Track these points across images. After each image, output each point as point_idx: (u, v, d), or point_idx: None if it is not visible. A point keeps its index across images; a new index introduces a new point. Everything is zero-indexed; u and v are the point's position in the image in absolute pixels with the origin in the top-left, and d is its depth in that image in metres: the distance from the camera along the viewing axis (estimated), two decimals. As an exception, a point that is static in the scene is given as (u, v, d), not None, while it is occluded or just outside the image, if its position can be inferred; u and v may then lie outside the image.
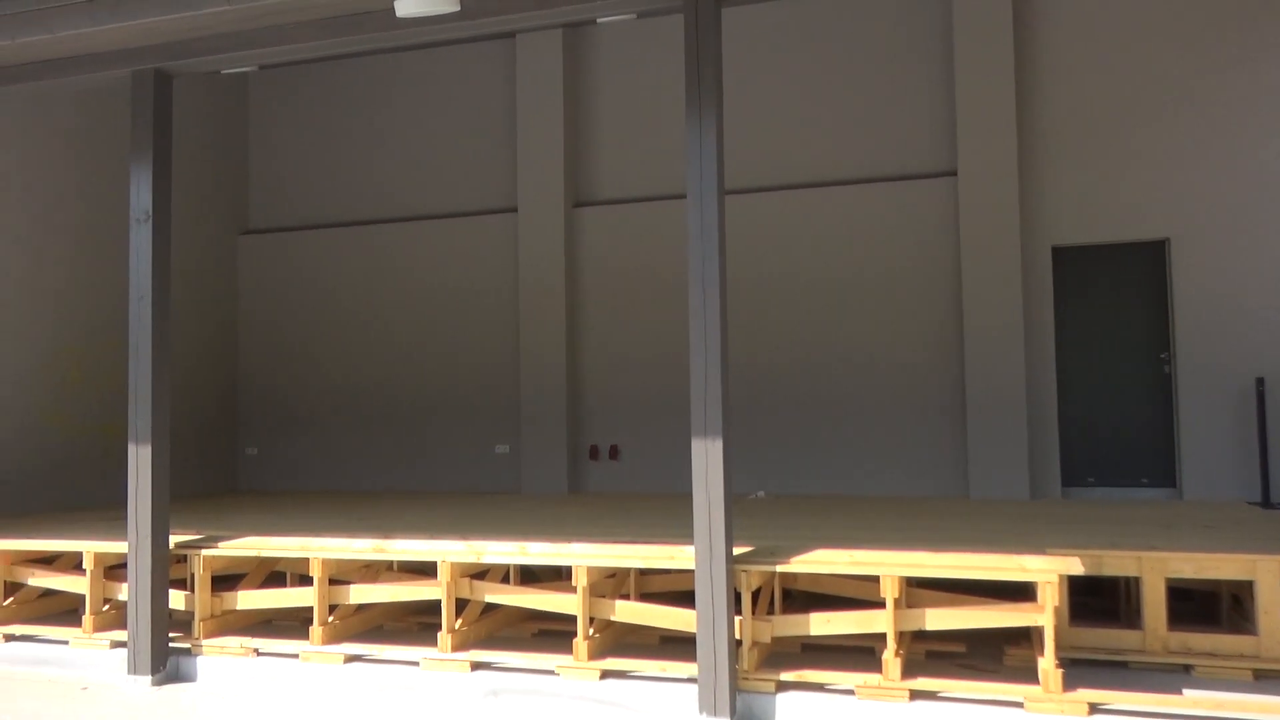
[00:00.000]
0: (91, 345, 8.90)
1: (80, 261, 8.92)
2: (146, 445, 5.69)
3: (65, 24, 5.21)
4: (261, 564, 6.23)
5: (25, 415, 8.35)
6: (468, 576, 5.56)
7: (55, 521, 7.38)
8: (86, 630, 6.08)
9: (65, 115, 8.82)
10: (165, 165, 5.88)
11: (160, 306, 5.79)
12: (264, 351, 11.02)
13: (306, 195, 11.12)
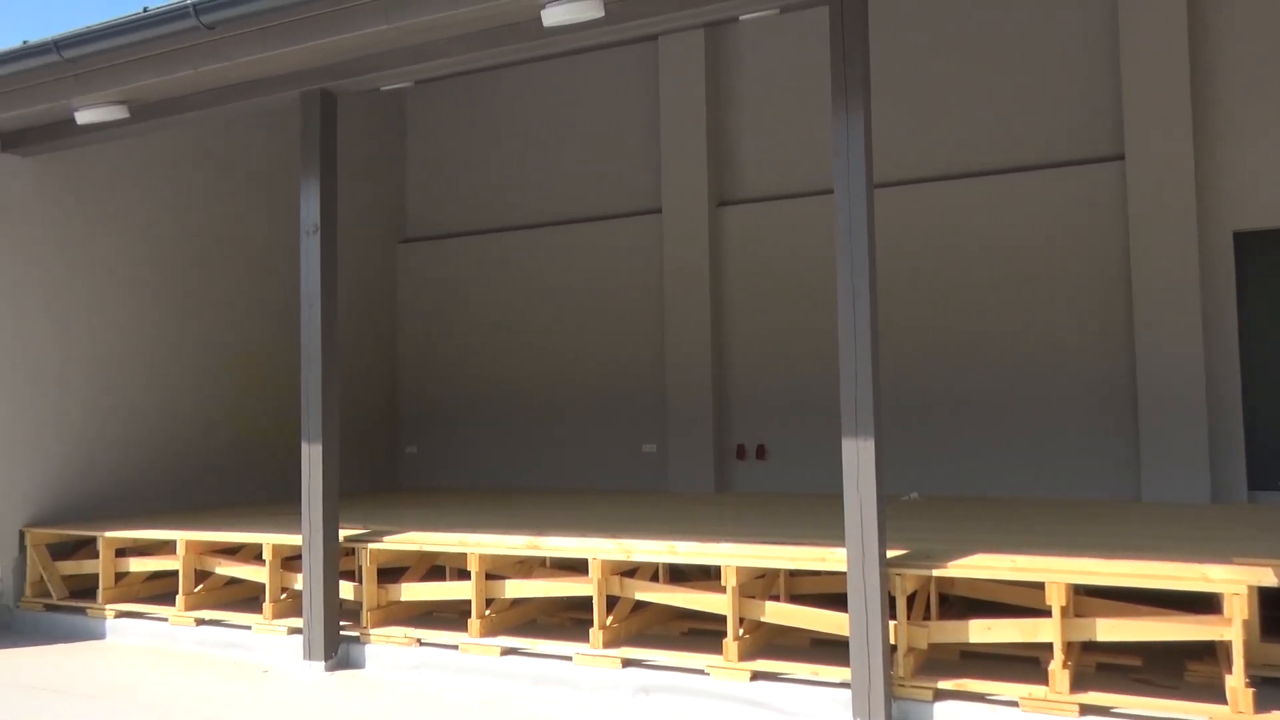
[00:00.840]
0: (266, 351, 9.50)
1: (251, 273, 9.53)
2: (318, 445, 6.03)
3: (241, 51, 5.59)
4: (423, 558, 6.49)
5: (209, 417, 8.99)
6: (618, 574, 5.64)
7: (237, 515, 7.93)
8: (266, 617, 6.50)
9: (231, 139, 9.44)
10: (331, 180, 6.22)
11: (329, 313, 6.12)
12: (422, 354, 11.49)
13: (460, 203, 11.53)
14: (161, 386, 8.59)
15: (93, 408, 7.99)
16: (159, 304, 8.61)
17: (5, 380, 7.37)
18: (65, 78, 5.99)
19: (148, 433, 8.43)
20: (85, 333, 7.97)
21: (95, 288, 8.07)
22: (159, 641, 6.80)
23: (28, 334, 7.55)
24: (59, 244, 7.81)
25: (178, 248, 8.80)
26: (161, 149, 8.63)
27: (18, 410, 7.44)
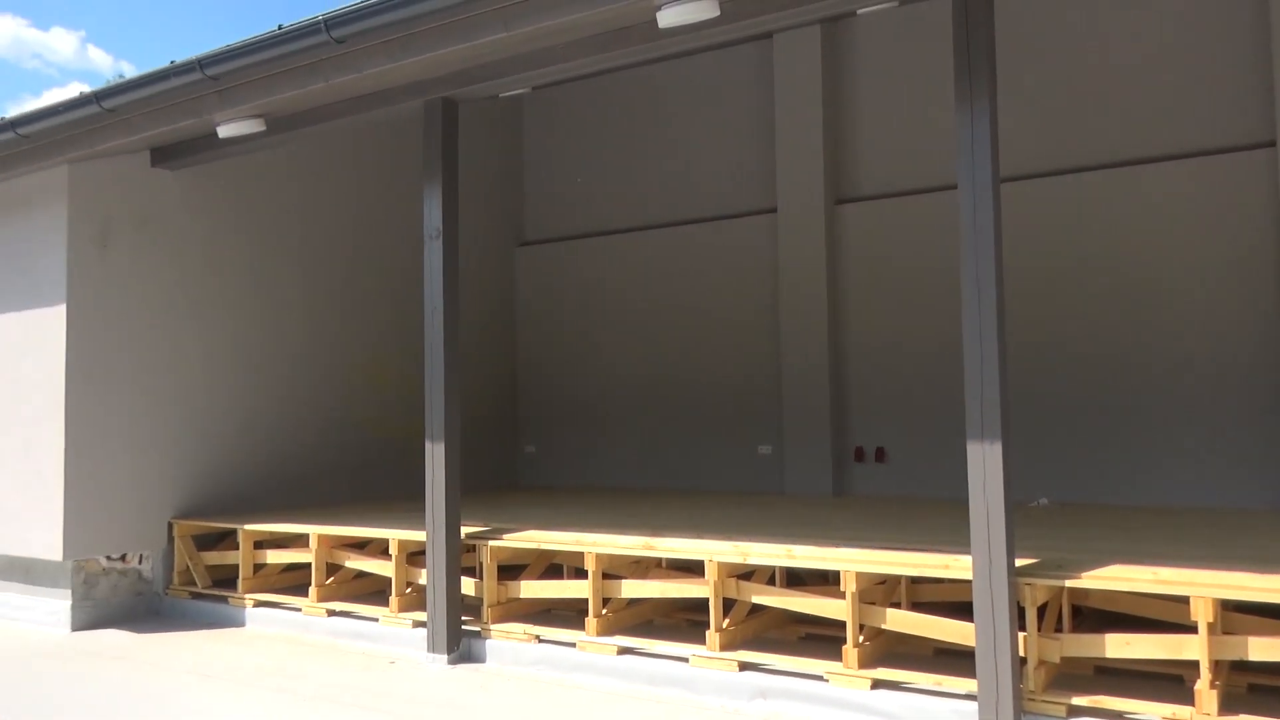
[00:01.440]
0: (394, 353, 9.83)
1: (377, 277, 9.87)
2: (440, 444, 6.20)
3: (369, 64, 5.79)
4: (541, 556, 6.60)
5: (341, 417, 9.36)
6: (734, 576, 5.60)
7: (365, 511, 8.22)
8: (392, 610, 6.72)
9: (356, 147, 9.80)
10: (453, 186, 6.38)
11: (451, 316, 6.28)
12: (541, 356, 11.69)
13: (576, 206, 11.68)
14: (298, 388, 8.99)
15: (235, 408, 8.43)
16: (296, 309, 9.02)
17: (157, 383, 7.84)
18: (209, 94, 6.33)
19: (285, 431, 8.84)
20: (228, 337, 8.41)
21: (236, 294, 8.51)
22: (293, 630, 7.11)
23: (177, 339, 8.01)
24: (203, 253, 8.26)
25: (310, 254, 9.20)
26: (292, 159, 9.04)
27: (168, 411, 7.90)
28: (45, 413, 7.35)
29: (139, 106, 6.52)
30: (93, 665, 6.44)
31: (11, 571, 7.81)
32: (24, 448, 7.49)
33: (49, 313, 7.39)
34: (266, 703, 5.46)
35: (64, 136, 6.97)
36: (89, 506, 7.35)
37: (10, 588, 7.81)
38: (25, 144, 7.04)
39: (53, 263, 7.40)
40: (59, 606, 7.40)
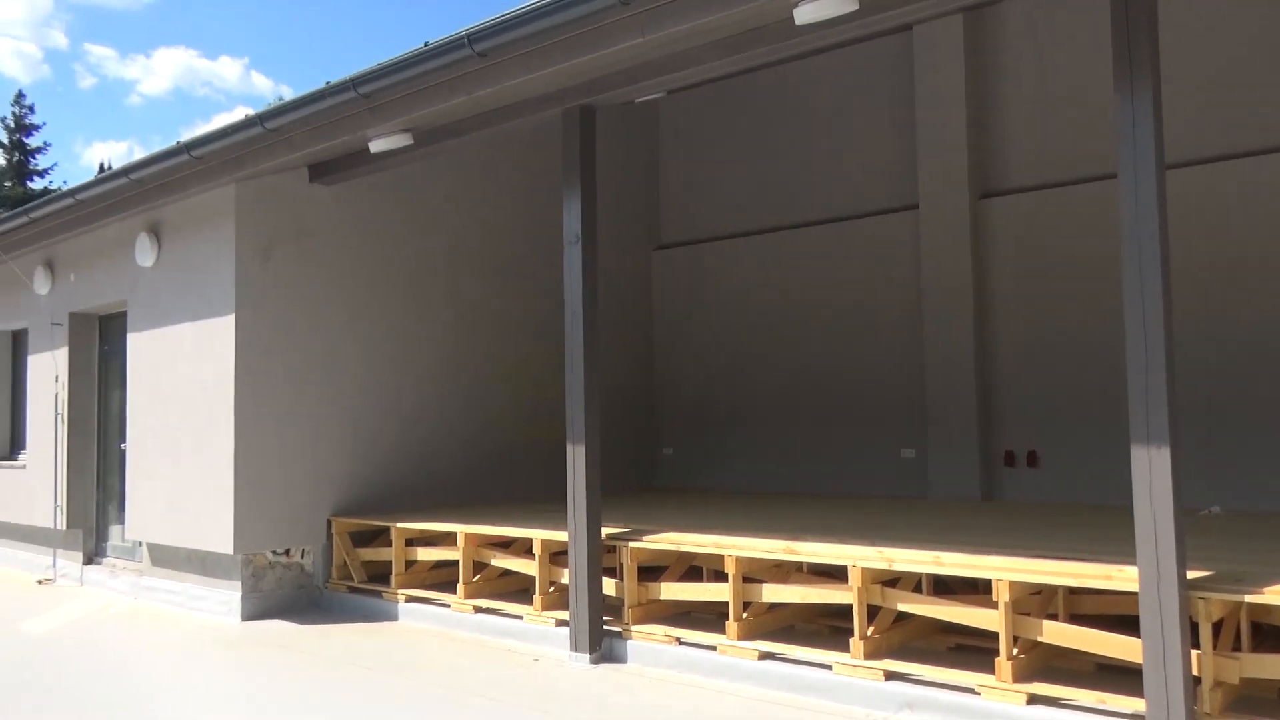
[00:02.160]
0: (536, 356, 10.05)
1: (518, 283, 10.10)
2: (581, 446, 6.29)
3: (509, 75, 5.93)
4: (681, 558, 6.60)
5: (486, 419, 9.64)
6: (879, 583, 5.45)
7: (509, 511, 8.43)
8: (536, 608, 6.86)
9: (494, 156, 10.06)
10: (591, 191, 6.47)
11: (590, 321, 6.37)
12: (678, 358, 11.72)
13: (712, 208, 11.65)
14: (447, 392, 9.32)
15: (389, 412, 8.80)
16: (443, 315, 9.35)
17: (316, 388, 8.27)
18: (361, 111, 6.63)
19: (435, 434, 9.17)
20: (381, 344, 8.79)
21: (388, 303, 8.88)
22: (442, 625, 7.35)
23: (334, 346, 8.43)
24: (357, 263, 8.66)
25: (456, 262, 9.51)
26: (438, 170, 9.36)
27: (327, 414, 8.32)
28: (218, 415, 7.86)
29: (298, 126, 6.89)
30: (261, 653, 6.84)
31: (190, 563, 8.38)
32: (200, 447, 8.03)
33: (220, 322, 7.90)
34: (421, 696, 5.67)
35: (231, 157, 7.44)
36: (256, 503, 7.82)
37: (188, 578, 8.38)
38: (198, 165, 7.55)
39: (223, 275, 7.90)
40: (231, 597, 7.89)
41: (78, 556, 9.83)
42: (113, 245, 9.23)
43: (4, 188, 51.75)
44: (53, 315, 9.98)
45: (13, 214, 9.65)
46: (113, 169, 8.68)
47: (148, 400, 8.71)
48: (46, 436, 10.04)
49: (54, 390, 9.92)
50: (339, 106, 6.56)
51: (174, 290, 8.44)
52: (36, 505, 10.16)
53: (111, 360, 9.79)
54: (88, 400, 9.90)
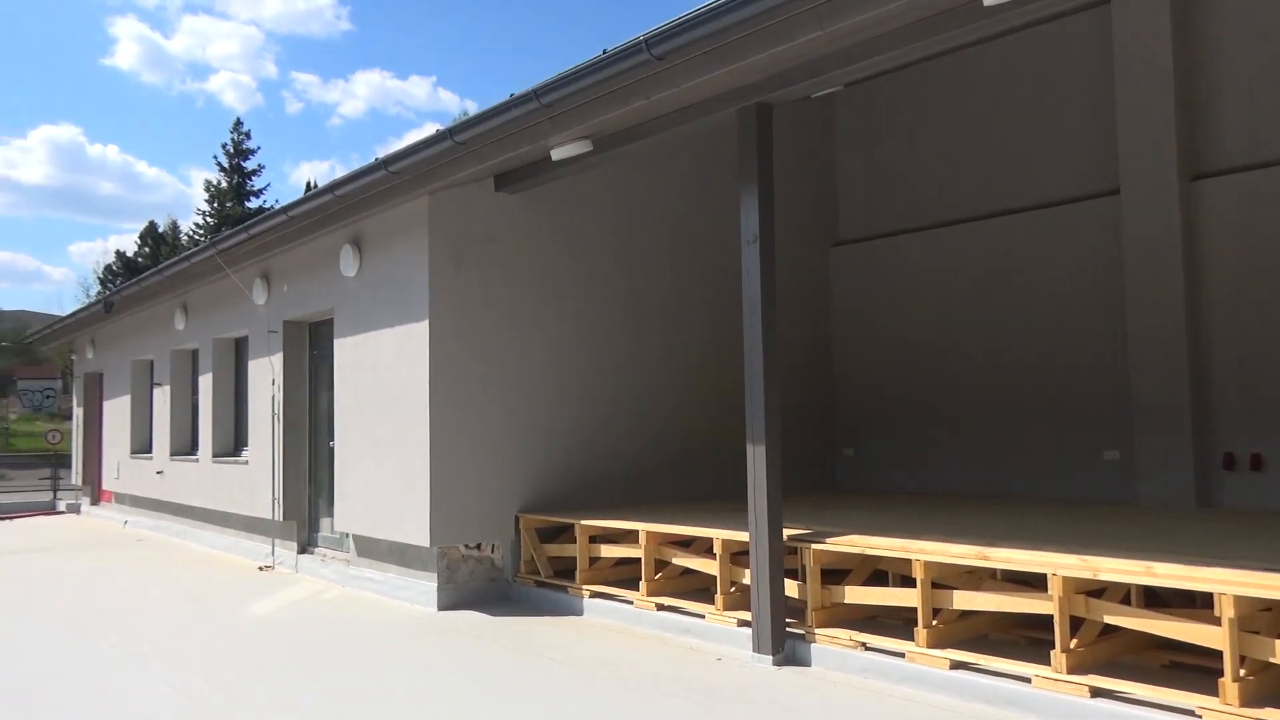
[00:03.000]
0: (714, 356, 10.07)
1: (696, 283, 10.14)
2: (761, 446, 6.24)
3: (686, 77, 5.96)
4: (865, 561, 6.44)
5: (667, 420, 9.74)
6: (1081, 593, 5.12)
7: (689, 510, 8.47)
8: (717, 608, 6.86)
9: (664, 157, 10.11)
10: (769, 190, 6.41)
11: (769, 320, 6.31)
12: (858, 357, 11.44)
13: (892, 202, 11.31)
14: (628, 392, 9.48)
15: (573, 411, 9.04)
16: (624, 317, 9.52)
17: (504, 389, 8.59)
18: (543, 120, 6.83)
19: (617, 433, 9.34)
20: (565, 346, 9.04)
21: (571, 305, 9.13)
22: (624, 621, 7.47)
23: (521, 348, 8.74)
24: (540, 268, 8.94)
25: (634, 264, 9.66)
26: (615, 174, 9.53)
27: (514, 414, 8.64)
28: (415, 415, 8.30)
29: (485, 138, 7.18)
30: (457, 641, 7.18)
31: (391, 554, 8.90)
32: (399, 446, 8.51)
33: (416, 328, 8.34)
34: (606, 690, 5.78)
35: (424, 170, 7.84)
36: (450, 500, 8.20)
37: (390, 569, 8.90)
38: (394, 179, 7.99)
39: (418, 283, 8.34)
40: (428, 587, 8.32)
41: (293, 546, 10.64)
42: (320, 257, 9.92)
43: (225, 207, 56.82)
44: (269, 323, 10.83)
45: (234, 231, 10.56)
46: (318, 186, 9.35)
47: (352, 402, 9.31)
48: (265, 435, 10.91)
49: (271, 392, 10.77)
50: (522, 117, 6.78)
51: (374, 298, 8.98)
52: (257, 498, 11.07)
53: (321, 364, 10.53)
54: (300, 402, 10.69)
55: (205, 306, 12.92)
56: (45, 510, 19.84)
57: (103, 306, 15.79)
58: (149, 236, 63.46)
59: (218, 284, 12.15)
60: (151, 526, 15.10)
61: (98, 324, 17.39)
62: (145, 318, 15.18)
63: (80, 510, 19.12)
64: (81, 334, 19.09)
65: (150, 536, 14.59)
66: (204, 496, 12.81)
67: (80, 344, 19.59)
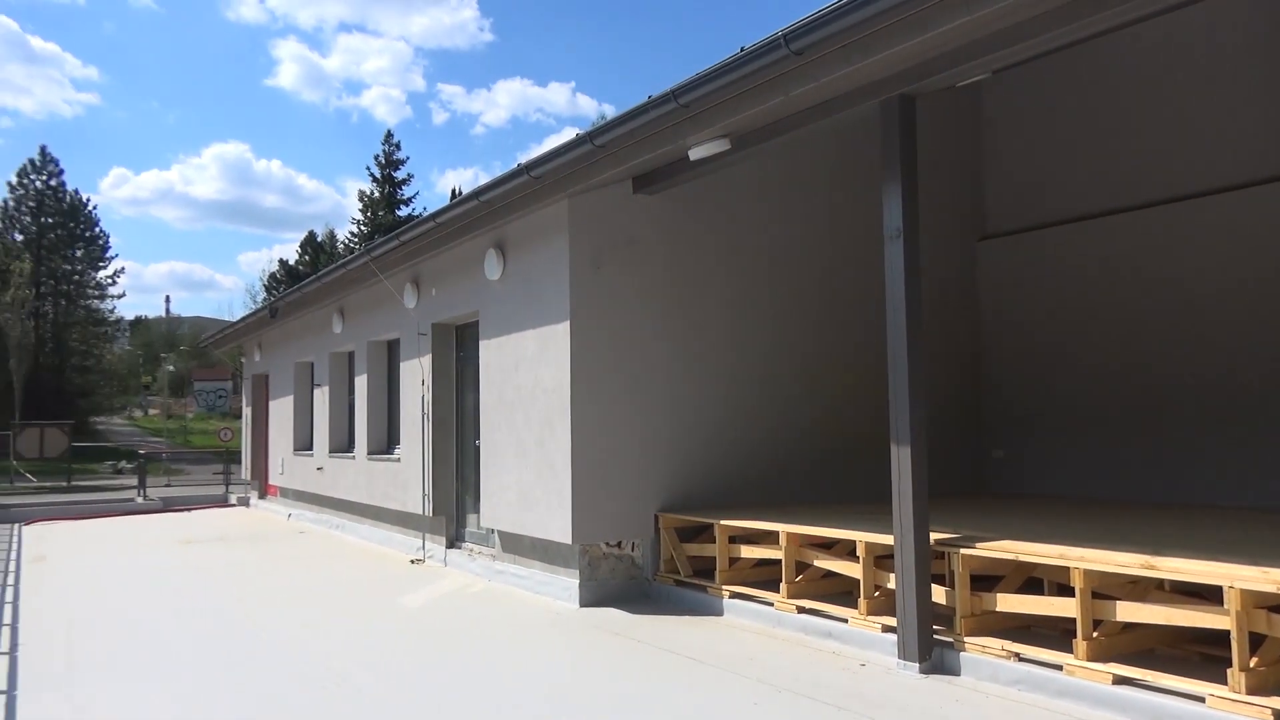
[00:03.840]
0: (856, 355, 9.87)
1: (835, 281, 9.96)
2: (906, 447, 6.06)
3: (826, 71, 5.85)
4: (1018, 568, 6.16)
5: (809, 419, 9.61)
6: (1263, 608, 4.75)
7: (831, 511, 8.32)
8: (861, 612, 6.70)
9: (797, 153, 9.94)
10: (912, 184, 6.22)
11: (914, 317, 6.13)
12: (1008, 354, 10.99)
13: (1044, 193, 10.81)
14: (769, 390, 9.41)
15: (712, 409, 9.03)
16: (764, 316, 9.45)
17: (643, 388, 8.66)
18: (682, 121, 6.84)
19: (757, 432, 9.29)
20: (704, 345, 9.04)
21: (710, 305, 9.12)
22: (764, 623, 7.40)
23: (659, 348, 8.79)
24: (679, 268, 8.97)
25: (774, 263, 9.57)
26: (753, 171, 9.45)
27: (653, 413, 8.70)
28: (556, 414, 8.47)
29: (624, 140, 7.25)
30: (599, 638, 7.27)
31: (535, 551, 9.10)
32: (541, 445, 8.69)
33: (557, 329, 8.50)
34: (747, 691, 5.74)
35: (565, 174, 7.98)
36: (591, 498, 8.32)
37: (534, 564, 9.11)
38: (536, 184, 8.17)
39: (559, 284, 8.50)
40: (570, 584, 8.46)
41: (442, 540, 11.03)
42: (465, 262, 10.25)
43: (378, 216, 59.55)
44: (419, 326, 11.27)
45: (386, 238, 11.04)
46: (464, 193, 9.66)
47: (496, 401, 9.57)
48: (415, 433, 11.36)
49: (420, 393, 11.21)
50: (660, 118, 6.81)
51: (517, 301, 9.21)
52: (409, 494, 11.53)
53: (467, 365, 10.89)
54: (447, 401, 11.08)
55: (360, 311, 13.56)
56: (218, 503, 21.28)
57: (268, 312, 16.81)
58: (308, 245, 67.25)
59: (371, 289, 12.73)
60: (313, 520, 15.96)
61: (264, 328, 18.52)
62: (306, 322, 16.06)
63: (249, 504, 20.41)
64: (249, 338, 20.37)
65: (312, 529, 15.43)
66: (360, 492, 13.45)
67: (248, 347, 20.92)
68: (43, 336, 53.59)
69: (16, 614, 8.64)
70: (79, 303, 57.73)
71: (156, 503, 20.60)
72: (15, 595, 9.66)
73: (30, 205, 55.92)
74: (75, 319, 56.75)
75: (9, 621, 8.32)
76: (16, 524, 17.28)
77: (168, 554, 12.80)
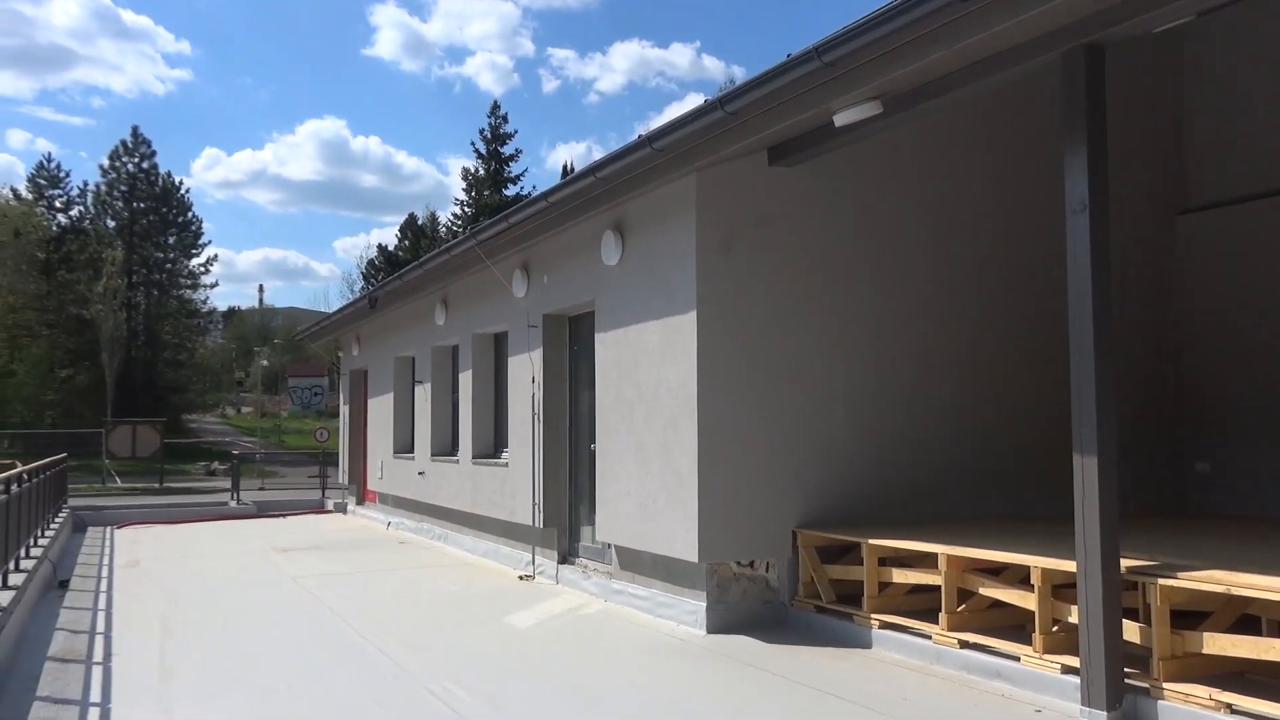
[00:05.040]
0: (1033, 348, 9.56)
1: (1012, 263, 9.65)
2: (1092, 457, 5.82)
3: (997, 18, 5.66)
4: (1229, 603, 5.85)
5: (971, 421, 9.35)
6: None
7: (1004, 531, 8.08)
8: (1035, 649, 6.49)
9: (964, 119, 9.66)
10: (1100, 149, 5.97)
11: (1102, 304, 5.88)
12: (1213, 349, 10.44)
13: (1259, 156, 10.21)
14: (926, 390, 9.23)
15: (859, 411, 8.91)
16: (923, 303, 9.27)
17: (779, 386, 8.60)
18: (825, 82, 6.75)
19: (912, 437, 9.10)
20: (850, 337, 8.92)
21: (857, 292, 8.99)
22: (920, 659, 7.25)
23: (798, 341, 8.71)
24: (821, 251, 8.87)
25: (937, 243, 9.36)
26: (908, 141, 9.25)
27: (790, 415, 8.63)
28: (681, 414, 8.49)
29: (759, 106, 7.20)
30: (728, 669, 7.27)
31: (656, 569, 9.16)
32: (664, 450, 8.74)
33: (682, 320, 8.53)
34: (899, 735, 5.64)
35: (691, 146, 7.98)
36: (720, 511, 8.32)
37: (655, 584, 9.17)
38: (659, 157, 8.21)
39: (684, 270, 8.52)
40: (696, 607, 8.48)
41: (553, 555, 11.23)
42: (580, 246, 10.40)
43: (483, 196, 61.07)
44: (529, 317, 11.49)
45: (493, 220, 11.30)
46: (578, 170, 9.80)
47: (614, 401, 9.68)
48: (525, 436, 11.59)
49: (530, 391, 11.43)
50: (801, 80, 6.74)
51: (637, 288, 9.28)
52: (517, 503, 11.78)
53: (581, 360, 11.04)
54: (560, 401, 11.26)
55: (465, 300, 13.93)
56: (314, 509, 22.23)
57: (367, 302, 17.45)
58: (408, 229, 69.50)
59: (477, 276, 13.06)
60: (413, 529, 16.49)
61: (362, 320, 19.23)
62: (407, 313, 16.60)
63: (346, 510, 21.24)
64: (347, 330, 21.20)
65: (412, 539, 15.95)
66: (464, 499, 13.82)
67: (346, 340, 21.77)
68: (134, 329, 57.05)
69: (110, 622, 9.24)
70: (171, 293, 61.23)
71: (250, 507, 21.69)
72: (108, 603, 10.33)
73: (122, 189, 59.57)
74: (168, 310, 60.19)
75: (102, 629, 8.91)
76: (109, 527, 18.47)
77: (262, 562, 13.45)
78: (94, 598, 10.67)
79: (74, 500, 21.01)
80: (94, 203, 59.62)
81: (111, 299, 50.96)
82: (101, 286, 50.35)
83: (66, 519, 17.55)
